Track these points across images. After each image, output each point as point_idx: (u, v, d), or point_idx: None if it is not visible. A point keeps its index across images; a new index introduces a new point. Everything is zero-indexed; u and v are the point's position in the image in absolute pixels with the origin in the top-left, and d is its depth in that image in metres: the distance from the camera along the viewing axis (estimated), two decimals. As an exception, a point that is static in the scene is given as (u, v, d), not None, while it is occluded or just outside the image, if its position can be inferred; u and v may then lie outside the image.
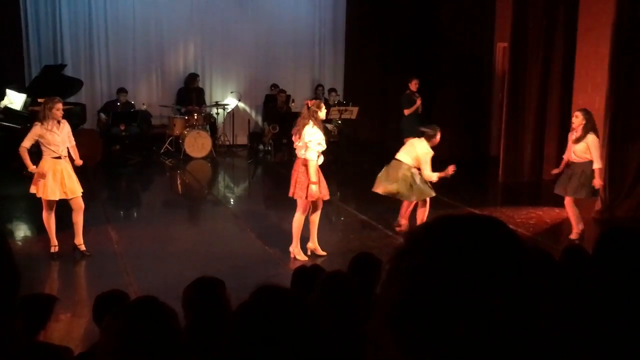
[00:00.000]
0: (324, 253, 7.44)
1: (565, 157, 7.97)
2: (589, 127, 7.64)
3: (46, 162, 7.07)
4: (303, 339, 1.46)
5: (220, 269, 6.33)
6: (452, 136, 13.46)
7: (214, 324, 3.02)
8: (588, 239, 7.80)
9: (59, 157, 7.12)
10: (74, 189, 7.19)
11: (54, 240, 7.26)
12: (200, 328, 3.16)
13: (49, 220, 7.22)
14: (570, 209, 7.92)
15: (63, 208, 7.39)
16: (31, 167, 7.07)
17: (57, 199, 7.13)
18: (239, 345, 1.47)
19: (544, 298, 0.89)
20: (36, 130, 7.03)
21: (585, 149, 7.60)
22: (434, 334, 0.87)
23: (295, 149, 7.24)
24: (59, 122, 7.10)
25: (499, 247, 0.91)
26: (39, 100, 7.23)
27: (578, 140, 7.64)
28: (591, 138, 7.60)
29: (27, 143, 7.07)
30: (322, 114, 7.04)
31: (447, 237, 0.91)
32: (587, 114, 7.76)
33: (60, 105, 7.10)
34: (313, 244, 7.46)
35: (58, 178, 7.08)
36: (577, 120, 7.69)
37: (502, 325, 0.86)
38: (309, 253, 7.43)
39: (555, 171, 8.25)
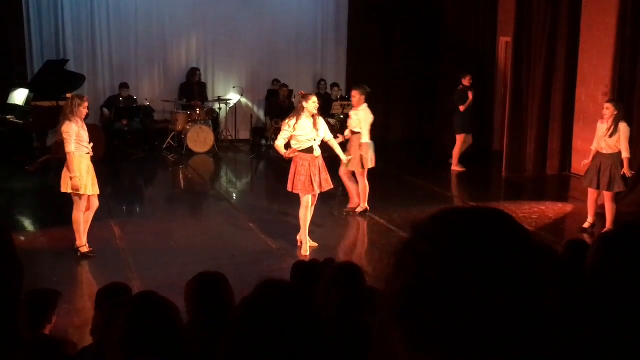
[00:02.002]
0: (315, 244, 7.50)
1: (595, 148, 7.80)
2: (621, 116, 7.58)
3: (82, 159, 6.98)
4: (307, 334, 1.46)
5: (223, 263, 6.35)
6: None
7: (217, 319, 3.02)
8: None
9: (88, 154, 7.08)
10: (96, 187, 7.20)
11: (84, 240, 7.19)
12: (203, 322, 3.17)
13: (81, 218, 7.10)
14: (609, 204, 7.85)
15: (66, 203, 7.40)
16: (75, 173, 6.88)
17: (91, 194, 7.11)
18: (243, 339, 1.47)
19: (551, 290, 0.89)
20: (73, 128, 6.87)
21: (617, 139, 7.54)
22: (439, 326, 0.86)
23: None
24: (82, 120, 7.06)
25: (505, 239, 0.90)
26: (67, 95, 7.10)
27: (612, 133, 7.54)
28: (623, 127, 7.54)
29: (73, 146, 6.87)
30: (307, 104, 7.12)
31: (452, 229, 0.91)
32: (618, 104, 7.71)
33: (87, 104, 7.05)
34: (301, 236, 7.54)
35: (90, 174, 7.06)
36: (609, 112, 7.57)
37: (509, 318, 0.85)
38: (299, 244, 7.48)
39: (585, 162, 8.05)
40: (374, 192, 10.26)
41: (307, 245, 7.34)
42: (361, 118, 8.65)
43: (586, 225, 8.06)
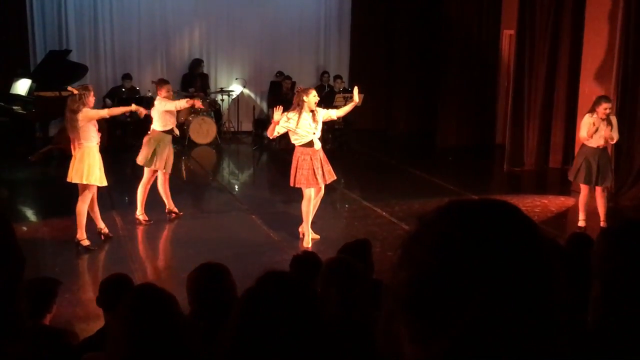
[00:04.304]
0: (317, 236, 7.49)
1: (584, 141, 7.73)
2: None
3: (92, 150, 7.01)
4: (309, 324, 1.46)
5: (225, 255, 6.34)
6: (458, 123, 13.46)
7: (219, 310, 3.02)
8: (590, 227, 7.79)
9: (98, 144, 7.11)
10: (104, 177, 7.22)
11: (84, 234, 7.16)
12: (204, 313, 3.17)
13: (84, 210, 7.10)
14: (602, 199, 7.82)
15: (69, 193, 7.40)
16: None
17: (104, 185, 7.15)
18: (246, 330, 1.47)
19: (558, 282, 0.88)
20: (92, 113, 7.02)
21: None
22: (445, 318, 0.86)
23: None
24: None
25: (512, 230, 0.89)
26: (75, 91, 7.11)
27: (611, 127, 7.59)
28: (614, 119, 7.65)
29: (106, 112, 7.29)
30: (308, 98, 7.07)
31: (459, 221, 0.90)
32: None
33: (92, 92, 7.11)
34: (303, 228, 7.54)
35: (99, 165, 7.08)
36: (610, 110, 7.58)
37: (515, 310, 0.85)
38: (301, 236, 7.48)
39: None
40: (377, 184, 10.26)
41: (309, 237, 7.35)
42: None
43: (582, 223, 7.90)
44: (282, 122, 7.12)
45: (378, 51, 14.95)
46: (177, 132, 8.36)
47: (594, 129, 7.51)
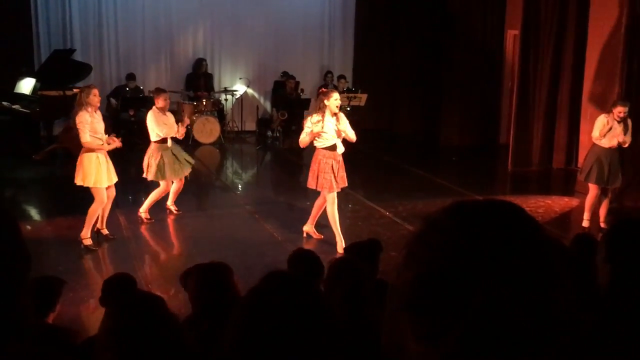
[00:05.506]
0: (321, 236, 7.51)
1: (596, 142, 7.75)
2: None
3: (93, 152, 6.97)
4: (314, 325, 1.45)
5: (229, 254, 6.34)
6: (462, 123, 13.46)
7: (221, 309, 3.01)
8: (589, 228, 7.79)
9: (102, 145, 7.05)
10: (113, 177, 7.19)
11: (88, 233, 7.13)
12: (207, 313, 3.16)
13: (97, 212, 7.08)
14: (608, 201, 7.86)
15: (74, 192, 7.40)
16: (107, 146, 7.02)
17: (106, 186, 7.09)
18: (249, 330, 1.46)
19: (562, 282, 0.88)
20: (87, 119, 6.86)
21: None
22: (450, 317, 0.86)
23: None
24: (96, 109, 7.02)
25: (517, 231, 0.90)
26: (74, 90, 7.08)
27: (626, 130, 7.59)
28: (630, 122, 7.68)
29: (88, 136, 6.88)
30: (329, 102, 6.94)
31: (464, 220, 0.90)
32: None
33: (96, 92, 7.00)
34: (308, 227, 7.53)
35: (104, 165, 7.03)
36: (625, 113, 7.58)
37: (519, 310, 0.85)
38: (304, 235, 7.46)
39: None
40: (381, 185, 10.26)
41: (341, 242, 7.12)
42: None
43: (586, 223, 7.90)
44: (309, 124, 7.00)
45: (382, 51, 14.95)
46: (177, 133, 8.34)
47: (607, 129, 7.53)
